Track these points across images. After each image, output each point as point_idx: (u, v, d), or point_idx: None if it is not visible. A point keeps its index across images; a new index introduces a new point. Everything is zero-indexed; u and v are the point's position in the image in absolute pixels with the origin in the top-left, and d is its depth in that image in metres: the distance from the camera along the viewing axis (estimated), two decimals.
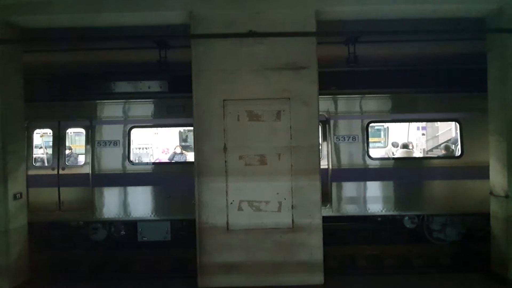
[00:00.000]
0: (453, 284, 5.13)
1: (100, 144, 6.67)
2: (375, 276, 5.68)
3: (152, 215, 6.61)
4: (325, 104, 6.50)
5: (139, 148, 8.82)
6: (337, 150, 6.59)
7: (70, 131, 7.48)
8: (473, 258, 6.38)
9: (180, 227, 6.98)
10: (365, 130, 6.60)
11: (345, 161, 6.59)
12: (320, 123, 5.95)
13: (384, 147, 9.64)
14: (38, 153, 8.00)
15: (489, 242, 5.26)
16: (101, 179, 6.64)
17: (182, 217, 6.62)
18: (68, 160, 7.03)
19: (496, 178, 5.10)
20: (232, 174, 4.89)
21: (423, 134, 9.54)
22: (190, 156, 7.78)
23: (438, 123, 8.74)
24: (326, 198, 6.36)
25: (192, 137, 5.31)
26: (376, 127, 9.67)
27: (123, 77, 7.11)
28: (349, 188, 6.57)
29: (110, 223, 6.87)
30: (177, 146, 8.35)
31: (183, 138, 9.49)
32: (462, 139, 6.62)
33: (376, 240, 7.30)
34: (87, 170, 6.66)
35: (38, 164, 7.38)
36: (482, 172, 5.70)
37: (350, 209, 6.58)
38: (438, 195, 6.53)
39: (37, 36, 5.65)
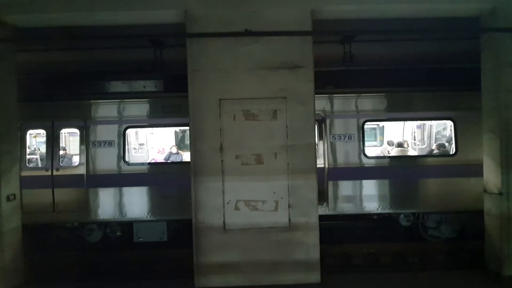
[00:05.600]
0: (448, 281, 5.18)
1: (95, 145, 6.61)
2: (371, 274, 5.70)
3: (148, 216, 6.58)
4: (321, 103, 6.52)
5: (135, 148, 8.76)
6: (333, 149, 6.62)
7: (64, 131, 7.39)
8: (468, 255, 6.45)
9: (177, 228, 6.95)
10: (361, 129, 6.64)
11: (341, 160, 6.62)
12: (316, 122, 5.96)
13: (380, 145, 9.68)
14: (31, 154, 7.90)
15: (483, 239, 5.32)
16: (96, 179, 6.57)
17: (179, 217, 6.58)
18: (62, 160, 6.95)
19: (490, 175, 5.15)
20: (229, 174, 4.88)
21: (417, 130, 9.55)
22: (186, 156, 7.74)
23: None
24: (322, 197, 6.38)
25: (188, 136, 5.29)
26: (371, 126, 9.70)
27: (117, 77, 7.05)
28: (346, 187, 6.60)
29: (105, 224, 6.81)
30: (173, 146, 8.31)
31: (179, 138, 9.44)
32: (456, 138, 6.68)
33: (372, 238, 7.35)
34: (82, 170, 6.60)
35: (31, 165, 7.29)
36: (476, 169, 5.76)
37: (346, 208, 6.61)
38: (433, 193, 6.59)
39: (30, 35, 5.58)
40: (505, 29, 4.79)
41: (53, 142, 6.72)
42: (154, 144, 9.15)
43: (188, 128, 5.07)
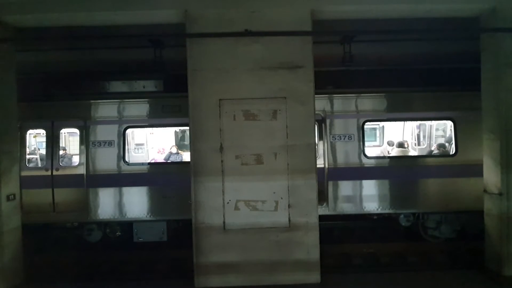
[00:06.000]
0: (448, 281, 5.18)
1: (95, 145, 6.61)
2: (371, 274, 5.70)
3: (148, 216, 6.58)
4: (321, 103, 6.52)
5: (134, 148, 8.76)
6: (333, 149, 6.61)
7: (64, 131, 7.40)
8: (468, 255, 6.45)
9: (177, 228, 6.95)
10: (361, 129, 6.64)
11: (341, 160, 6.62)
12: (316, 122, 5.96)
13: (380, 145, 9.68)
14: (31, 153, 7.91)
15: (483, 239, 5.32)
16: (95, 179, 6.57)
17: (179, 217, 6.59)
18: (62, 160, 6.95)
19: (490, 176, 5.16)
20: (229, 174, 4.88)
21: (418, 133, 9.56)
22: (186, 156, 7.74)
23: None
24: (322, 197, 6.38)
25: (188, 136, 5.29)
26: (371, 126, 9.70)
27: (117, 77, 7.05)
28: (345, 187, 6.59)
29: (105, 224, 6.81)
30: (173, 146, 8.31)
31: (179, 138, 9.44)
32: (456, 138, 6.68)
33: (372, 238, 7.35)
34: (82, 170, 6.60)
35: (31, 165, 7.29)
36: (476, 170, 5.76)
37: (346, 208, 6.61)
38: (433, 193, 6.59)
39: (30, 35, 5.58)
40: (505, 29, 4.79)
41: (53, 142, 6.71)
42: (154, 144, 9.15)
43: (188, 128, 5.07)
